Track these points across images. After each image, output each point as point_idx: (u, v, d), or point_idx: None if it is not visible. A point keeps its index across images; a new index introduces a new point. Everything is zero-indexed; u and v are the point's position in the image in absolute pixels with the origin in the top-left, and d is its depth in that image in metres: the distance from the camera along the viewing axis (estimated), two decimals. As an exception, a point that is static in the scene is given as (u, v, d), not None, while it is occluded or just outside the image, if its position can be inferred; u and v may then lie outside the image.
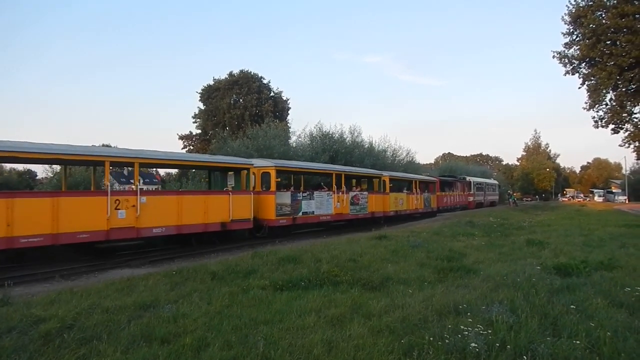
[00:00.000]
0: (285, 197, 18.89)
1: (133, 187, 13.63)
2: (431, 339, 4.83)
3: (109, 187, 12.75)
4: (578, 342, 4.73)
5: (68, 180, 28.00)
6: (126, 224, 12.90)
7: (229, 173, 18.47)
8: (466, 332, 4.92)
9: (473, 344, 4.58)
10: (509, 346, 4.60)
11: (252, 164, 17.75)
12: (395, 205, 28.16)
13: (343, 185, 22.58)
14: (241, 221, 16.50)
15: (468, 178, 50.69)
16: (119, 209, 12.74)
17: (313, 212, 20.26)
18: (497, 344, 4.63)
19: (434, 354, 4.50)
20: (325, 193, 21.46)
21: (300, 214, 19.52)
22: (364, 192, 24.92)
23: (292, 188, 22.07)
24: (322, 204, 20.87)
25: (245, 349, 4.82)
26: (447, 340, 4.75)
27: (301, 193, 20.09)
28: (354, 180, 27.06)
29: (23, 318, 5.98)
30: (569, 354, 4.46)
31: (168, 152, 15.80)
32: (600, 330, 5.08)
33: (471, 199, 48.87)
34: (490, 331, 5.02)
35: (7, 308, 6.68)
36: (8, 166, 44.51)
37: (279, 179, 19.60)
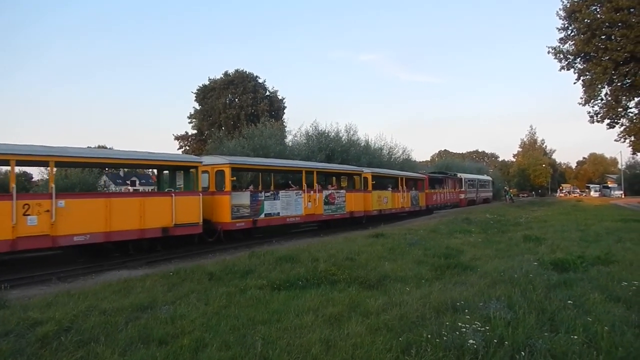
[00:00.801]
0: (243, 198, 17.25)
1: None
2: (429, 336, 4.83)
3: (14, 190, 11.05)
4: (576, 337, 4.74)
5: (64, 181, 27.89)
6: (38, 232, 11.25)
7: (178, 172, 16.95)
8: (464, 329, 4.92)
9: (471, 341, 4.58)
10: (506, 342, 4.61)
11: (201, 162, 16.05)
12: (378, 204, 26.48)
13: (315, 184, 20.88)
14: (187, 225, 14.67)
15: (459, 175, 49.02)
16: (28, 215, 11.12)
17: (278, 213, 18.51)
18: (495, 340, 4.64)
19: (432, 351, 4.50)
20: (294, 192, 19.74)
21: (262, 215, 17.81)
22: (341, 191, 23.12)
23: (252, 187, 21.10)
24: (290, 204, 19.18)
25: (243, 349, 4.81)
26: (445, 338, 4.75)
27: (263, 193, 18.39)
28: (333, 178, 26.10)
29: (20, 321, 5.96)
30: (567, 349, 4.47)
31: (95, 150, 14.68)
32: (597, 325, 5.09)
33: (463, 196, 47.10)
34: (488, 328, 5.02)
35: (3, 311, 6.66)
36: (4, 168, 44.24)
37: (234, 178, 17.91)
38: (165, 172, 18.06)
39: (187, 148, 52.90)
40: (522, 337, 4.76)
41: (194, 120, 53.60)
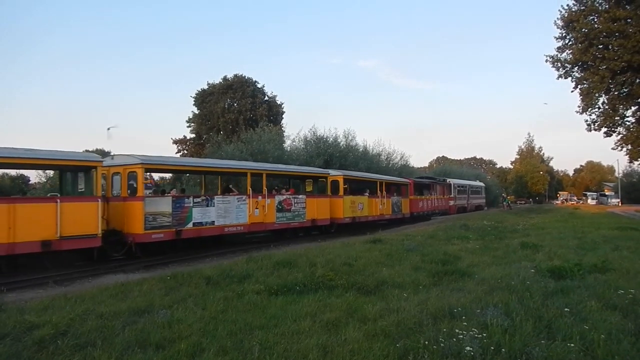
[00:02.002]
0: (162, 204, 14.53)
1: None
2: (426, 342, 4.84)
3: None
4: (572, 344, 4.76)
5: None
6: None
7: (80, 175, 14.01)
8: (461, 336, 4.93)
9: (468, 348, 4.59)
10: (503, 349, 4.62)
11: (101, 161, 13.60)
12: (351, 210, 24.02)
13: (264, 188, 18.57)
14: (79, 238, 12.11)
15: (449, 180, 46.28)
16: None
17: (213, 222, 15.91)
18: (492, 348, 4.65)
19: (429, 358, 4.51)
20: (235, 197, 17.18)
21: (190, 225, 15.12)
22: (300, 196, 20.58)
23: (174, 191, 18.85)
24: (229, 212, 16.56)
25: (240, 354, 4.82)
26: (442, 344, 4.76)
27: (191, 198, 15.70)
28: (301, 182, 24.11)
29: (16, 324, 5.95)
30: (564, 357, 4.48)
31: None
32: (594, 332, 5.10)
33: (452, 202, 44.59)
34: (485, 334, 5.03)
35: (0, 314, 6.64)
36: (1, 171, 44.18)
37: (148, 180, 15.82)
38: (68, 173, 14.88)
39: (186, 152, 52.85)
40: (519, 344, 4.76)
41: (192, 124, 53.55)
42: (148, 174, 18.10)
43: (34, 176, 38.72)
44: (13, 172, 45.24)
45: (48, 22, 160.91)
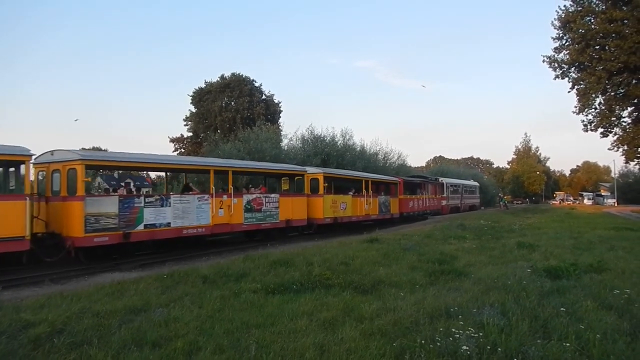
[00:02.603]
0: (107, 204, 13.08)
1: (124, 190, 13.33)
2: (423, 342, 4.85)
3: None
4: (568, 344, 4.78)
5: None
6: None
7: (10, 170, 12.78)
8: (457, 335, 4.94)
9: (464, 347, 4.60)
10: (499, 349, 4.63)
11: (30, 156, 12.12)
12: (333, 210, 22.39)
13: (230, 186, 16.92)
14: (1, 241, 10.82)
15: (441, 179, 44.88)
16: None
17: (169, 223, 14.38)
18: (488, 347, 4.66)
19: (425, 357, 4.52)
20: (195, 197, 15.66)
21: (141, 227, 13.57)
22: (272, 195, 19.08)
23: (129, 189, 17.53)
24: (188, 212, 15.04)
25: (237, 353, 4.82)
26: (438, 343, 4.78)
27: (143, 197, 14.35)
28: (270, 180, 22.89)
29: (12, 322, 5.93)
30: (559, 356, 4.50)
31: None
32: (589, 332, 5.12)
33: (444, 202, 42.99)
34: (481, 334, 5.05)
35: (-5, 312, 6.62)
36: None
37: (88, 179, 13.77)
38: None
39: (183, 150, 52.80)
40: (515, 343, 4.78)
41: (189, 122, 53.51)
42: (145, 172, 17.89)
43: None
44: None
45: (46, 21, 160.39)
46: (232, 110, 49.58)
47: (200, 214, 15.50)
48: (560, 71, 29.44)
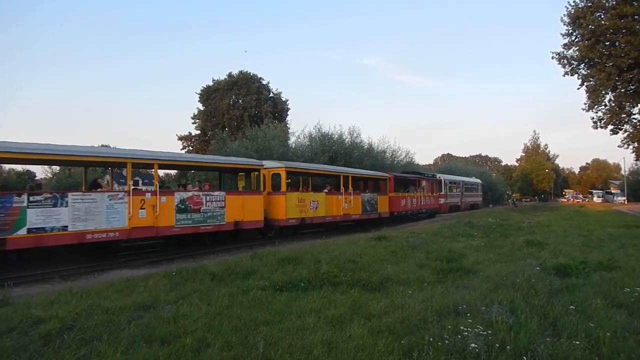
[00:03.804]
0: None
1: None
2: (431, 339, 4.83)
3: None
4: (578, 342, 4.74)
5: (68, 180, 28.01)
6: None
7: None
8: (466, 333, 4.92)
9: (473, 345, 4.58)
10: (508, 347, 4.61)
11: None
12: (300, 210, 19.89)
13: (156, 182, 14.73)
14: None
15: (439, 175, 42.13)
16: None
17: (65, 227, 11.90)
18: (497, 345, 4.64)
19: (433, 355, 4.50)
20: (106, 194, 13.18)
21: (22, 231, 11.20)
22: (216, 193, 16.41)
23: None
24: (94, 213, 12.48)
25: (245, 350, 4.83)
26: (447, 341, 4.76)
27: (25, 196, 11.51)
28: (235, 177, 20.47)
29: (23, 319, 5.99)
30: (569, 354, 4.46)
31: None
32: (599, 330, 5.08)
33: (442, 201, 40.25)
34: (490, 332, 5.02)
35: (7, 309, 6.69)
36: (7, 167, 44.40)
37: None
38: None
39: (191, 148, 53.02)
40: (524, 341, 4.75)
41: (197, 120, 53.73)
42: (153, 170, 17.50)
43: (40, 171, 38.83)
44: (19, 167, 45.41)
45: (52, 16, 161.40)
46: (239, 108, 49.74)
47: (113, 216, 12.93)
48: (570, 68, 29.18)
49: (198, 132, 54.07)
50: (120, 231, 13.05)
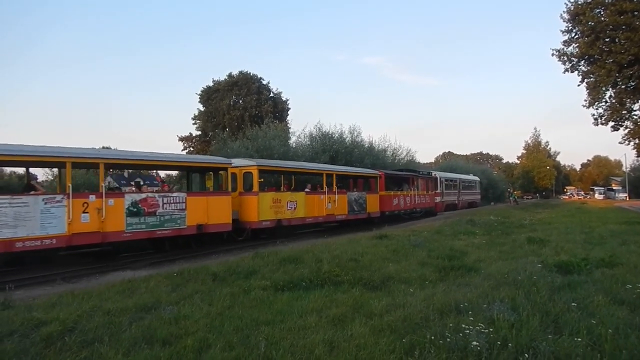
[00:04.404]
0: None
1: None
2: (432, 337, 4.83)
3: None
4: (580, 339, 4.73)
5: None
6: None
7: None
8: (467, 331, 4.91)
9: (474, 343, 4.57)
10: (510, 344, 4.60)
11: None
12: (275, 211, 18.32)
13: (102, 183, 13.04)
14: None
15: (434, 173, 40.51)
16: None
17: None
18: (499, 342, 4.63)
19: (435, 353, 4.50)
20: (40, 198, 11.62)
21: None
22: (175, 194, 14.88)
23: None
24: (26, 219, 11.09)
25: (246, 350, 4.82)
26: (448, 339, 4.75)
27: None
28: (194, 176, 18.48)
29: (24, 321, 5.98)
30: (571, 352, 4.45)
31: None
32: (601, 327, 5.06)
33: (438, 199, 38.57)
34: (491, 329, 5.01)
35: (8, 311, 6.70)
36: (8, 169, 44.42)
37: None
38: None
39: (192, 149, 53.03)
40: (526, 339, 4.74)
41: (198, 121, 53.73)
42: (155, 172, 17.36)
43: (41, 174, 38.82)
44: (21, 170, 45.38)
45: (52, 18, 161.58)
46: (240, 109, 49.75)
47: (49, 221, 11.54)
48: (570, 64, 29.11)
49: (199, 132, 54.08)
50: (58, 238, 11.73)
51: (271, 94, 52.88)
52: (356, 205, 23.92)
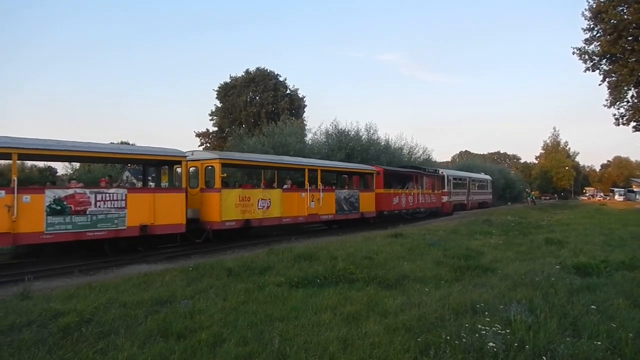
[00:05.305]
0: None
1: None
2: (448, 337, 4.78)
3: None
4: (599, 343, 4.64)
5: (88, 176, 28.32)
6: None
7: None
8: (484, 332, 4.85)
9: (491, 344, 4.51)
10: (527, 346, 4.53)
11: None
12: (242, 210, 16.31)
13: (14, 177, 11.13)
14: None
15: (441, 171, 37.56)
16: None
17: None
18: (516, 344, 4.57)
19: (451, 353, 4.45)
20: None
21: None
22: (114, 191, 12.91)
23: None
24: None
25: (260, 345, 4.83)
26: (464, 340, 4.70)
27: None
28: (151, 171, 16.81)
29: (42, 312, 6.08)
30: (590, 355, 4.38)
31: None
32: (622, 331, 4.97)
33: (446, 199, 35.94)
34: (508, 331, 4.94)
35: (27, 302, 6.80)
36: (29, 163, 45.16)
37: None
38: None
39: (208, 145, 53.34)
40: (544, 341, 4.67)
41: (215, 117, 53.99)
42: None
43: (60, 167, 39.35)
44: (41, 164, 46.09)
45: (70, 12, 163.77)
46: (256, 105, 49.84)
47: None
48: (591, 63, 28.68)
49: (215, 128, 54.35)
50: None
51: (288, 91, 52.87)
52: (346, 204, 21.93)
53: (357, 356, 4.54)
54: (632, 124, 28.89)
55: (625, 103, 28.79)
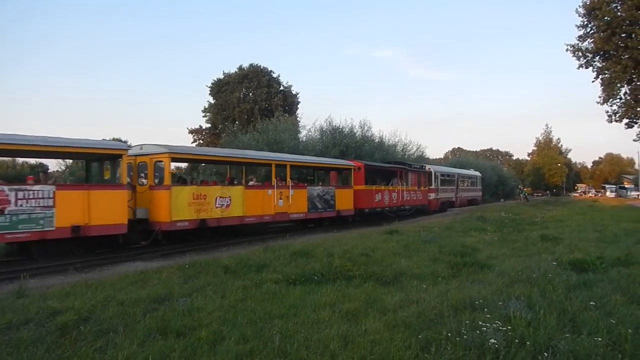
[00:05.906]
0: None
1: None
2: (449, 334, 4.78)
3: None
4: (599, 339, 4.66)
5: (80, 172, 28.09)
6: None
7: None
8: (484, 328, 4.86)
9: (492, 340, 4.51)
10: (528, 342, 4.54)
11: None
12: (196, 209, 14.85)
13: None
14: None
15: (428, 167, 36.20)
16: None
17: None
18: (516, 340, 4.58)
19: (452, 350, 4.45)
20: None
21: None
22: (39, 188, 11.58)
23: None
24: None
25: (261, 343, 4.81)
26: (465, 336, 4.70)
27: None
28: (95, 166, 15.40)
29: (39, 310, 6.03)
30: (591, 351, 4.39)
31: None
32: (621, 327, 4.99)
33: (433, 196, 34.58)
34: (508, 327, 4.95)
35: (23, 300, 6.74)
36: (21, 160, 44.81)
37: None
38: None
39: (202, 142, 53.13)
40: (544, 337, 4.68)
41: (208, 114, 53.77)
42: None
43: (53, 164, 39.06)
44: (32, 160, 45.72)
45: (65, 13, 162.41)
46: (250, 102, 49.67)
47: None
48: (585, 60, 28.83)
49: (209, 125, 54.14)
50: None
51: (281, 88, 52.72)
52: (320, 201, 20.60)
53: (358, 353, 4.53)
54: (625, 120, 29.11)
55: (618, 100, 29.00)
